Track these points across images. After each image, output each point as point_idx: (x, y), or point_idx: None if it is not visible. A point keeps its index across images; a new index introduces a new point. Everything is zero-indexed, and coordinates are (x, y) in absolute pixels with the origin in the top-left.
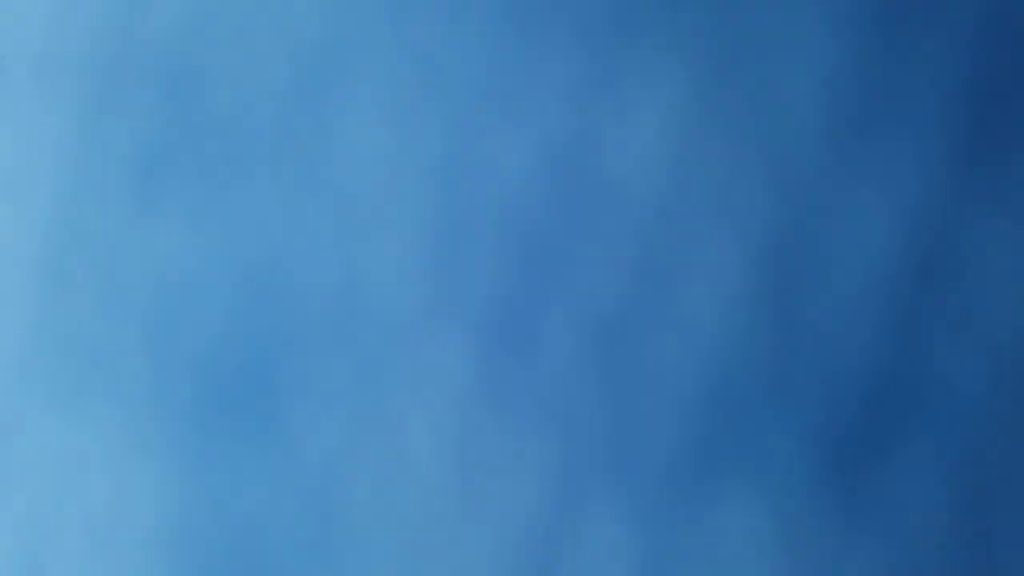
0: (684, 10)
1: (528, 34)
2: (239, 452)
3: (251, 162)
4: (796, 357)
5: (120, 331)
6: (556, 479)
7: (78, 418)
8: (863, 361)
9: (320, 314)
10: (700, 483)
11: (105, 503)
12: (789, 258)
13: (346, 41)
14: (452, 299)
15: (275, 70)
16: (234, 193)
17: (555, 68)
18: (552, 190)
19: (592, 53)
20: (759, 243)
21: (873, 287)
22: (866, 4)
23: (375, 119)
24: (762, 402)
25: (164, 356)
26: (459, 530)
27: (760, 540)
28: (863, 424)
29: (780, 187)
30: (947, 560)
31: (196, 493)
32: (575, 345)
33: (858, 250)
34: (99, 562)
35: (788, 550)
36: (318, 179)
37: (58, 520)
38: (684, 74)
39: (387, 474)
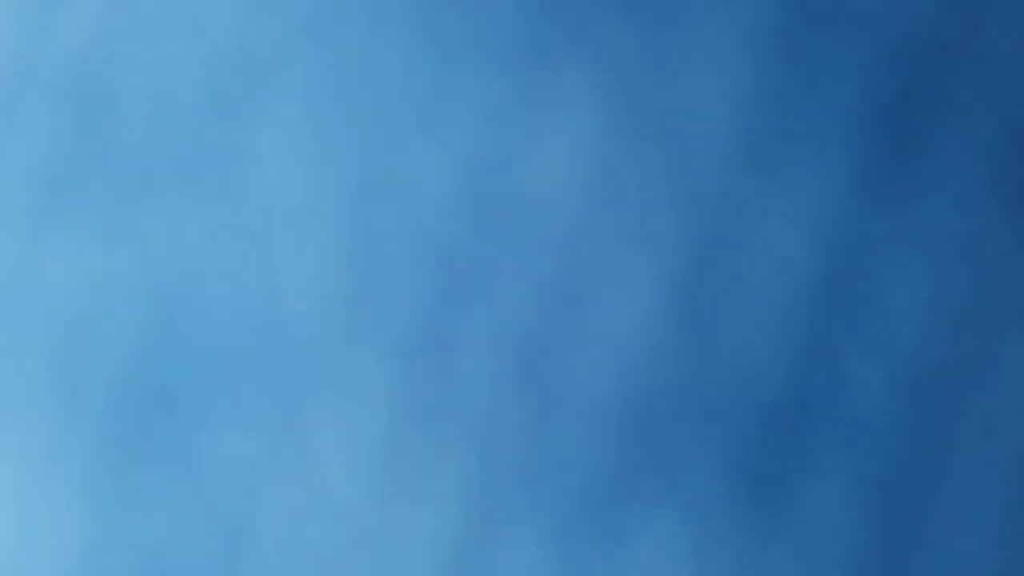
0: (598, 33)
1: (445, 54)
2: (149, 481)
3: (162, 180)
4: (711, 377)
5: (23, 356)
6: (475, 501)
7: None
8: (777, 382)
9: (234, 337)
10: (617, 504)
11: (9, 532)
12: (703, 278)
13: (261, 58)
14: (370, 320)
15: (187, 85)
16: (144, 212)
17: (472, 88)
18: (469, 209)
19: (508, 73)
20: (673, 262)
21: (785, 308)
22: (774, 28)
23: (290, 137)
24: (678, 422)
25: (70, 381)
26: (376, 556)
27: (677, 560)
28: (777, 445)
29: (692, 207)
30: (859, 572)
31: (104, 523)
32: (493, 366)
33: (770, 270)
34: None
35: (703, 566)
36: (232, 197)
37: None
38: (598, 95)
39: (302, 502)
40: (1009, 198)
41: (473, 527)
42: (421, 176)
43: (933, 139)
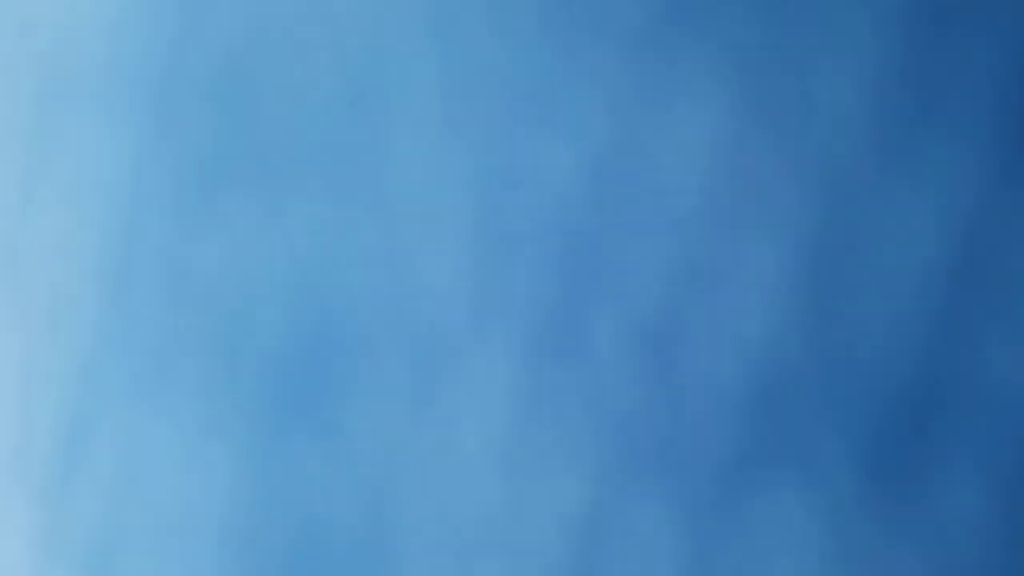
0: (722, 22)
1: (568, 45)
2: (301, 446)
3: (307, 174)
4: (842, 362)
5: (185, 336)
6: (604, 479)
7: (146, 418)
8: (911, 365)
9: (373, 319)
10: (746, 484)
11: (171, 500)
12: (835, 263)
13: (393, 56)
14: (498, 304)
15: (325, 82)
16: (291, 203)
17: (596, 78)
18: (594, 197)
19: (633, 62)
20: (804, 248)
21: (921, 292)
22: (905, 12)
23: (422, 130)
24: (808, 405)
25: (231, 358)
26: (509, 528)
27: (807, 542)
28: (910, 428)
29: (825, 193)
30: (992, 566)
31: (260, 484)
32: (620, 347)
33: (906, 255)
34: (170, 555)
35: (835, 552)
36: (371, 189)
37: (130, 516)
38: (722, 85)
39: (439, 473)
40: None
41: (601, 504)
42: (547, 168)
43: None
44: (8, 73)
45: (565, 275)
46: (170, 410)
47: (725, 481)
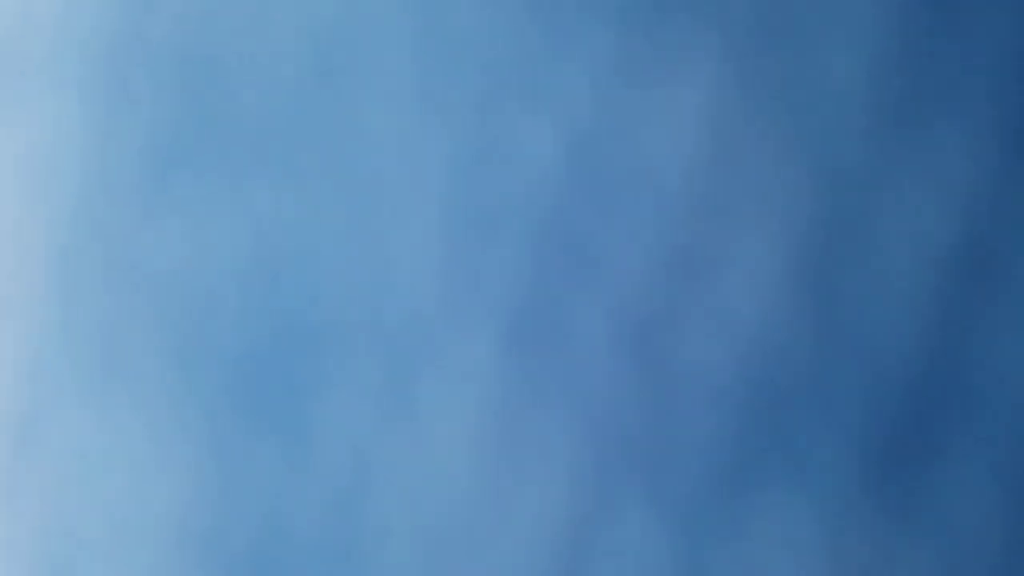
0: None
1: (555, 19)
2: (262, 449)
3: (270, 152)
4: (840, 355)
5: (139, 326)
6: (589, 480)
7: (98, 415)
8: (909, 359)
9: (344, 308)
10: (739, 485)
11: (127, 501)
12: (832, 251)
13: (367, 28)
14: (479, 292)
15: (293, 57)
16: (254, 184)
17: (583, 55)
18: (581, 179)
19: (622, 39)
20: (801, 235)
21: (920, 282)
22: None
23: (398, 107)
24: (804, 401)
25: (186, 354)
26: (487, 531)
27: (802, 544)
28: (909, 425)
29: (822, 177)
30: (997, 565)
31: (218, 491)
32: (608, 340)
33: (905, 243)
34: (121, 559)
35: (830, 556)
36: (340, 170)
37: (80, 517)
38: (718, 61)
39: (413, 472)
40: None
41: (586, 506)
42: (526, 148)
43: None
44: None
45: (546, 263)
46: (125, 408)
47: (719, 481)
